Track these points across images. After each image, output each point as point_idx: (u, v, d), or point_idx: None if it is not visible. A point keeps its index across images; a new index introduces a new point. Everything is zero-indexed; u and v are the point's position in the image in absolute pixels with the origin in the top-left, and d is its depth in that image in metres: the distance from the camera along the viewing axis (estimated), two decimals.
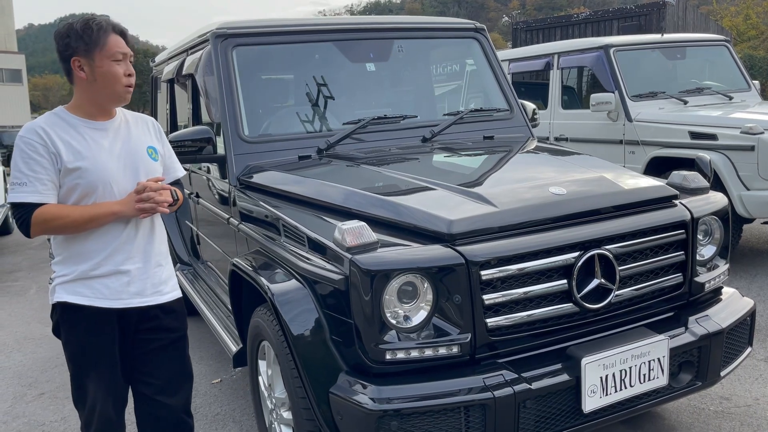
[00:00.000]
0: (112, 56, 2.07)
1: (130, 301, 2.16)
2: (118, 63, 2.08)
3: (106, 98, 2.12)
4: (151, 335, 2.24)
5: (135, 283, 2.16)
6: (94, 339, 2.15)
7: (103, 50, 2.06)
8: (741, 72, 6.70)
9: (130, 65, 2.13)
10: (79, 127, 2.10)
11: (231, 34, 3.31)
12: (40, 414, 3.61)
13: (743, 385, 3.34)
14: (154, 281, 2.21)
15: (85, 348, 2.16)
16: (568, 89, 7.12)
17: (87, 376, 2.19)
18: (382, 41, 3.65)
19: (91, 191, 2.07)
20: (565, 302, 2.19)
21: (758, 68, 17.11)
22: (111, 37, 2.07)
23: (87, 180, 2.06)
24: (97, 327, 2.14)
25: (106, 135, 2.14)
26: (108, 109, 2.17)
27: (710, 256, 2.57)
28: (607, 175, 2.57)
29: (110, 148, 2.13)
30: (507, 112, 3.72)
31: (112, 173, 2.10)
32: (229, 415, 3.40)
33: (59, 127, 2.08)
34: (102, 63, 2.06)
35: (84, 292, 2.11)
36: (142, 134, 2.25)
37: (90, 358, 2.17)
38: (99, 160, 2.08)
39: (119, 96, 2.12)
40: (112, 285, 2.13)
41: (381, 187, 2.58)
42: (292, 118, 3.40)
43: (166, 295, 2.25)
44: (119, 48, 2.08)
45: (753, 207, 5.02)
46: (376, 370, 2.03)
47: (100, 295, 2.12)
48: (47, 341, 4.76)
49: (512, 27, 15.16)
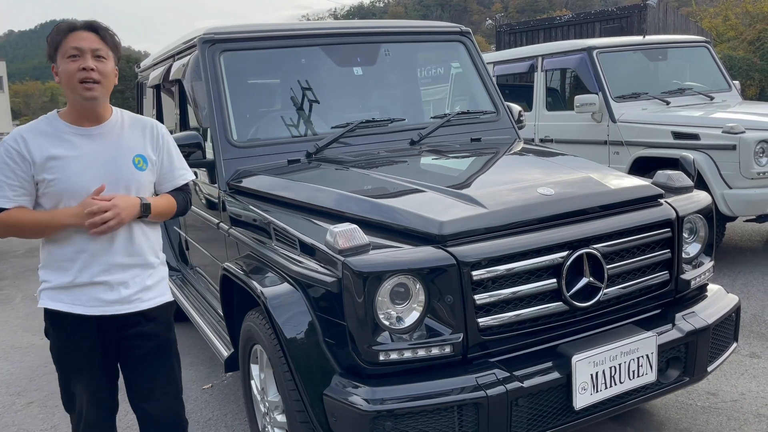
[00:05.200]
0: (66, 53, 2.01)
1: (106, 309, 2.12)
2: (74, 59, 2.00)
3: (73, 99, 2.06)
4: (133, 342, 2.21)
5: (112, 292, 2.12)
6: (73, 345, 2.16)
7: (61, 50, 2.03)
8: (721, 72, 6.80)
9: (87, 59, 2.01)
10: (64, 133, 2.07)
11: (218, 39, 3.31)
12: (29, 423, 3.58)
13: (729, 381, 3.39)
14: (136, 289, 2.16)
15: (67, 353, 2.18)
16: (552, 91, 7.19)
17: (71, 380, 2.21)
18: (369, 45, 3.68)
19: (58, 200, 2.05)
20: (555, 301, 2.22)
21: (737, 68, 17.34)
22: (69, 36, 2.03)
23: (55, 189, 2.03)
24: (76, 333, 2.14)
25: (90, 141, 2.08)
26: (89, 112, 2.08)
27: (695, 253, 2.62)
28: (594, 175, 2.61)
29: (91, 155, 2.06)
30: (493, 114, 3.75)
31: (83, 183, 2.03)
32: (221, 419, 3.39)
33: (42, 134, 2.06)
34: (61, 63, 2.03)
35: (64, 299, 2.11)
36: (132, 141, 2.16)
37: (71, 363, 2.18)
38: (70, 169, 2.03)
39: (77, 93, 2.02)
40: (90, 292, 2.10)
41: (371, 189, 2.59)
42: (280, 122, 3.41)
43: (148, 302, 2.19)
44: (73, 43, 2.01)
45: (735, 205, 5.10)
46: (369, 371, 2.05)
47: (78, 302, 2.10)
48: (34, 350, 4.72)
49: (496, 30, 15.26)
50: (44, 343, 4.79)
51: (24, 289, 6.73)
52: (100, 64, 2.04)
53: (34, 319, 5.55)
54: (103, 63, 2.06)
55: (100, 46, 2.05)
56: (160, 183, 2.26)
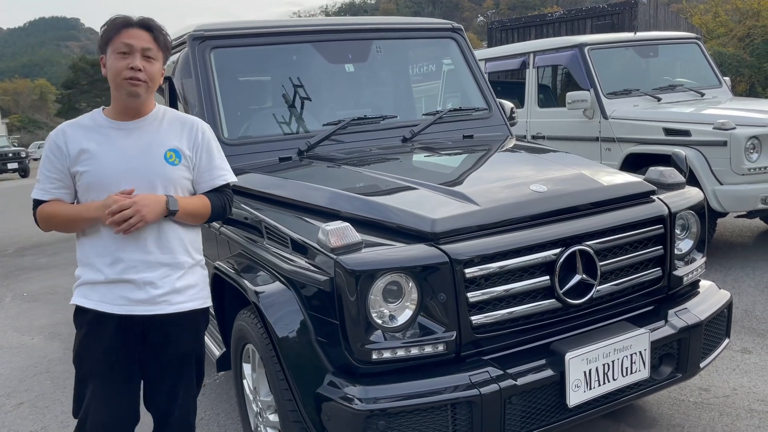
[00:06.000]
0: (116, 49, 2.02)
1: (132, 308, 2.05)
2: (124, 56, 2.01)
3: (117, 94, 2.07)
4: (155, 348, 2.14)
5: (140, 291, 2.05)
6: (91, 344, 2.09)
7: (112, 45, 2.03)
8: (712, 69, 6.83)
9: (137, 58, 2.00)
10: (102, 126, 2.09)
11: (208, 36, 3.28)
12: (19, 424, 3.55)
13: (721, 376, 3.40)
14: (165, 290, 2.07)
15: (85, 353, 2.11)
16: (544, 88, 7.19)
17: (85, 384, 2.12)
18: (361, 42, 3.66)
19: (89, 193, 2.06)
20: (548, 298, 2.21)
21: (727, 65, 17.45)
22: (122, 32, 2.03)
23: (85, 181, 2.05)
24: (95, 332, 2.08)
25: (126, 135, 2.07)
26: (130, 108, 2.08)
27: (688, 250, 2.62)
28: (586, 171, 2.61)
29: (123, 149, 2.05)
30: (486, 111, 3.75)
31: (112, 176, 2.02)
32: (214, 419, 3.37)
33: (82, 127, 2.09)
34: (110, 57, 2.04)
35: (92, 296, 2.08)
36: (167, 136, 2.12)
37: (86, 364, 2.10)
38: (100, 162, 2.03)
39: (121, 89, 2.02)
40: (116, 290, 2.06)
41: (363, 187, 2.58)
42: (271, 120, 3.39)
43: (176, 306, 2.10)
44: (125, 39, 2.01)
45: (726, 201, 5.12)
46: (362, 370, 2.04)
47: (105, 300, 2.06)
48: (24, 350, 4.68)
49: (487, 26, 15.25)
50: (34, 344, 4.78)
51: (13, 289, 6.67)
52: (148, 65, 2.04)
53: (24, 319, 5.51)
54: (152, 64, 2.05)
55: (151, 45, 2.05)
56: (197, 182, 2.19)
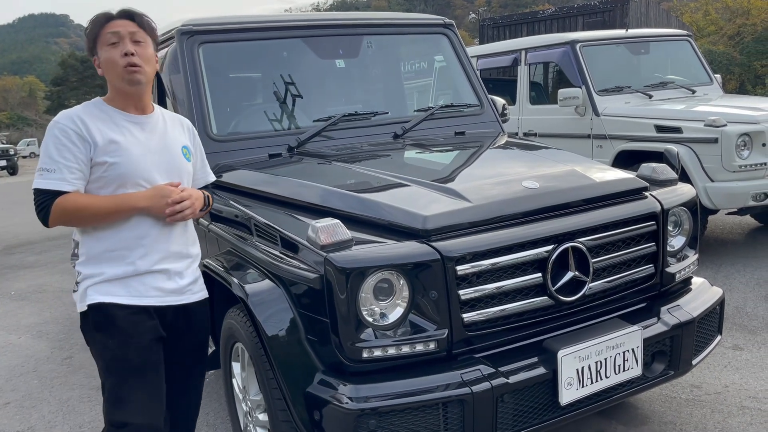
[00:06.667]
0: (105, 41, 2.01)
1: (165, 299, 2.07)
2: (114, 46, 1.99)
3: (118, 85, 2.04)
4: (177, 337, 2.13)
5: (170, 281, 2.08)
6: (134, 342, 1.98)
7: (100, 40, 2.02)
8: (703, 66, 6.84)
9: (127, 44, 1.99)
10: (116, 117, 2.05)
11: (197, 31, 3.25)
12: (5, 424, 3.50)
13: (713, 373, 3.40)
14: (189, 279, 2.16)
15: (125, 352, 1.98)
16: (535, 85, 7.19)
17: (129, 384, 1.98)
18: (352, 37, 3.63)
19: (120, 185, 2.00)
20: (540, 295, 2.19)
21: (718, 63, 17.54)
22: (106, 25, 2.02)
23: (115, 172, 1.98)
24: (136, 328, 1.99)
25: (141, 129, 2.07)
26: (135, 99, 2.08)
27: (680, 246, 2.61)
28: (579, 168, 2.59)
29: (146, 142, 2.06)
30: (477, 107, 3.73)
31: (145, 167, 2.03)
32: (203, 418, 3.33)
33: (96, 117, 2.02)
34: (101, 52, 2.02)
35: (118, 291, 2.00)
36: (177, 133, 2.20)
37: (132, 362, 1.98)
38: (132, 153, 2.01)
39: (123, 78, 2.00)
40: (148, 282, 2.03)
41: (354, 184, 2.55)
42: (261, 116, 3.36)
43: (196, 295, 2.19)
44: (110, 29, 2.00)
45: (717, 198, 5.12)
46: (353, 368, 2.01)
47: (136, 293, 2.01)
48: (11, 349, 4.63)
49: (479, 23, 15.27)
50: (21, 343, 4.73)
51: (0, 287, 6.60)
52: (139, 48, 2.02)
53: (11, 318, 5.45)
54: (142, 47, 2.03)
55: (137, 29, 2.04)
56: (193, 179, 2.27)
